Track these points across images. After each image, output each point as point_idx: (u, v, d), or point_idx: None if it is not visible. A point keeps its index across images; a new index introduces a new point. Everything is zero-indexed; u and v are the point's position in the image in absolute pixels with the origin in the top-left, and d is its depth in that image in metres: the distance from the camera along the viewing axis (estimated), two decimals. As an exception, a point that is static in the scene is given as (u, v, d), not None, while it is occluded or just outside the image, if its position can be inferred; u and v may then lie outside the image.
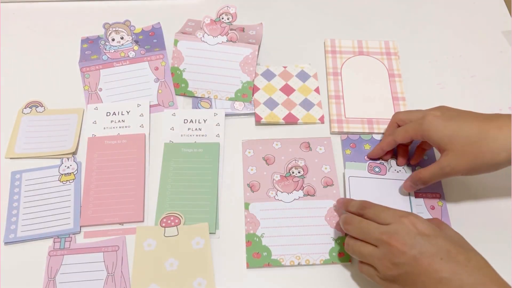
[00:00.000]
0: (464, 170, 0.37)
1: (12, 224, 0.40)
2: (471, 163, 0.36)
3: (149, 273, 0.38)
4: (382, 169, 0.43)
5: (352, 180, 0.42)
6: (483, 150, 0.36)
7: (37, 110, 0.47)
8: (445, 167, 0.37)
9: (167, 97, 0.48)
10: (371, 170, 0.42)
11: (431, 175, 0.38)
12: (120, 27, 0.50)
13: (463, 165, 0.37)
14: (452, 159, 0.37)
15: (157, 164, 0.44)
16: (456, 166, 0.37)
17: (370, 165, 0.43)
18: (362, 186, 0.41)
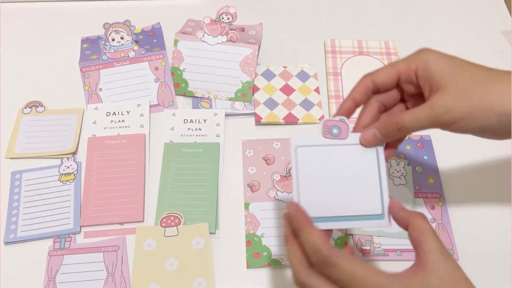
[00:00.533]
0: (463, 115, 0.28)
1: (12, 224, 0.40)
2: (475, 105, 0.28)
3: (149, 273, 0.38)
4: (342, 129, 0.30)
5: (301, 152, 0.30)
6: (493, 91, 0.28)
7: (37, 110, 0.47)
8: (438, 108, 0.28)
9: (167, 97, 0.48)
10: (327, 132, 0.30)
11: (414, 119, 0.29)
12: (120, 27, 0.50)
13: (464, 107, 0.28)
14: (450, 98, 0.28)
15: (157, 164, 0.44)
16: (455, 108, 0.28)
17: (326, 125, 0.30)
18: (314, 159, 0.30)
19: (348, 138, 0.30)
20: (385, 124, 0.29)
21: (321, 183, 0.30)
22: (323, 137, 0.30)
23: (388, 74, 0.30)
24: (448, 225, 0.40)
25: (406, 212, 0.28)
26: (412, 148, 0.45)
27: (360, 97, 0.31)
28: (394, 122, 0.29)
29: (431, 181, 0.43)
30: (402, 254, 0.39)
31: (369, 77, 0.31)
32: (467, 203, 0.42)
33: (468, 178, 0.43)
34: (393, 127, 0.29)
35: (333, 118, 0.31)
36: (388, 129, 0.29)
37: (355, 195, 0.30)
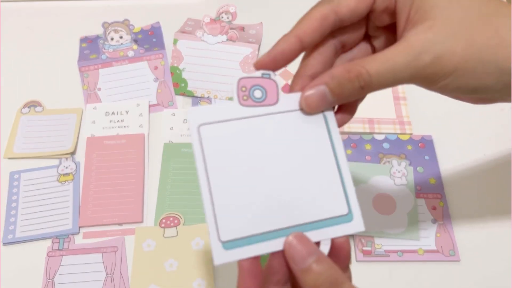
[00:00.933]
0: (455, 65, 0.19)
1: (10, 225, 0.40)
2: (474, 52, 0.19)
3: (148, 273, 0.37)
4: (268, 91, 0.21)
5: (207, 133, 0.20)
6: (499, 24, 0.19)
7: (35, 110, 0.47)
8: (421, 51, 0.19)
9: (167, 97, 0.48)
10: (245, 97, 0.20)
11: (386, 70, 0.19)
12: (119, 26, 0.50)
13: (459, 52, 0.19)
14: (440, 35, 0.19)
15: (156, 164, 0.44)
16: (447, 53, 0.19)
17: (242, 86, 0.21)
18: (229, 143, 0.20)
19: (279, 103, 0.21)
20: (340, 78, 0.20)
21: (245, 181, 0.19)
22: (240, 106, 0.20)
23: (358, 0, 0.20)
24: (449, 226, 0.40)
25: None
26: (413, 148, 0.45)
27: (311, 35, 0.21)
28: (355, 75, 0.19)
29: (433, 181, 0.42)
30: (403, 255, 0.38)
31: (329, 5, 0.20)
32: (469, 204, 0.42)
33: (470, 178, 0.43)
34: (353, 83, 0.19)
35: (252, 74, 0.20)
36: (344, 87, 0.20)
37: (301, 192, 0.20)
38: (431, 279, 0.38)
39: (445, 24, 0.19)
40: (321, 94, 0.20)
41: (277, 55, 0.21)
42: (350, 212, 0.21)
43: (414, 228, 0.39)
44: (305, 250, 0.19)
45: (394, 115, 0.46)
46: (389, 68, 0.19)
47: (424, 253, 0.38)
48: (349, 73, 0.20)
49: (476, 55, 0.19)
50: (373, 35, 0.23)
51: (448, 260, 0.38)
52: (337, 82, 0.20)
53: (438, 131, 0.45)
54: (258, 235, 0.20)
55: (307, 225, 0.20)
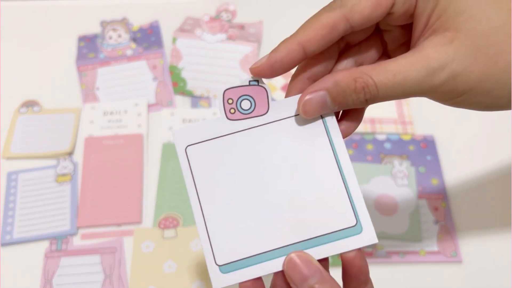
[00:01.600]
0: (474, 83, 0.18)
1: (8, 225, 0.40)
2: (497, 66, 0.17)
3: (147, 275, 0.37)
4: (256, 100, 0.19)
5: (194, 154, 0.19)
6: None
7: (33, 109, 0.47)
8: (440, 67, 0.17)
9: (166, 97, 0.47)
10: (232, 110, 0.19)
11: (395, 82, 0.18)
12: (118, 25, 0.50)
13: (479, 69, 0.17)
14: (462, 50, 0.17)
15: (155, 164, 0.43)
16: (466, 70, 0.17)
17: (228, 99, 0.19)
18: (219, 162, 0.19)
19: (270, 111, 0.19)
20: (344, 86, 0.18)
21: (239, 200, 0.18)
22: (227, 121, 0.19)
23: (372, 5, 0.18)
24: (451, 227, 0.40)
25: None
26: (415, 148, 0.44)
27: (316, 44, 0.18)
28: (361, 86, 0.17)
29: (435, 182, 0.42)
30: (405, 256, 0.38)
31: (340, 10, 0.18)
32: (471, 204, 0.41)
33: (472, 179, 0.42)
34: (357, 95, 0.18)
35: (238, 84, 0.19)
36: (348, 97, 0.18)
37: (303, 205, 0.19)
38: (433, 280, 0.37)
39: (468, 39, 0.17)
40: (321, 101, 0.18)
41: (276, 63, 0.19)
42: (359, 222, 0.19)
43: (416, 229, 0.39)
44: (306, 270, 0.18)
45: (396, 115, 0.46)
46: (399, 82, 0.18)
47: (426, 254, 0.38)
48: (355, 82, 0.18)
49: (495, 76, 0.18)
50: (385, 29, 0.21)
51: (450, 261, 0.38)
52: (340, 90, 0.18)
53: (440, 132, 0.45)
54: (257, 255, 0.18)
55: (310, 241, 0.19)
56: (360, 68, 0.18)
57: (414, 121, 0.46)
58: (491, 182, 0.42)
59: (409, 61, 0.18)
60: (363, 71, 0.18)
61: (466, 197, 0.42)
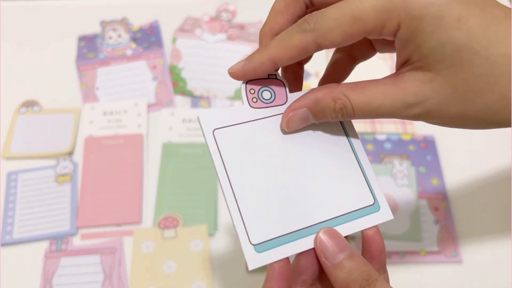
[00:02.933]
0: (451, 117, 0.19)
1: (8, 225, 0.40)
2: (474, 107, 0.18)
3: (147, 275, 0.37)
4: (276, 91, 0.21)
5: (222, 137, 0.20)
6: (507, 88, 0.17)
7: (33, 109, 0.47)
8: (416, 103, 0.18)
9: (166, 97, 0.47)
10: (254, 99, 0.21)
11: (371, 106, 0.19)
12: (118, 25, 0.49)
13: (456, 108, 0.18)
14: (439, 92, 0.18)
15: (155, 164, 0.43)
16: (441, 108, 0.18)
17: (251, 89, 0.21)
18: (246, 144, 0.20)
19: (288, 102, 0.21)
20: (324, 106, 0.19)
21: (267, 182, 0.19)
22: (250, 108, 0.20)
23: (344, 34, 0.18)
24: (451, 227, 0.40)
25: None
26: (415, 148, 0.44)
27: (286, 61, 0.20)
28: (339, 107, 0.19)
29: (435, 182, 0.42)
30: (405, 257, 0.38)
31: (311, 35, 0.19)
32: (471, 204, 0.41)
33: (472, 178, 0.42)
34: (336, 113, 0.19)
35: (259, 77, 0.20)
36: (327, 114, 0.20)
37: (324, 187, 0.20)
38: (433, 280, 0.37)
39: (447, 83, 0.18)
40: (303, 117, 0.20)
41: (249, 72, 0.21)
42: (376, 201, 0.21)
43: (416, 229, 0.39)
44: (336, 246, 0.19)
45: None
46: (374, 109, 0.19)
47: (426, 255, 0.38)
48: (334, 103, 0.20)
49: (472, 115, 0.18)
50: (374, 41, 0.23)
51: (450, 262, 0.38)
52: (320, 109, 0.20)
53: (440, 132, 0.45)
54: (288, 234, 0.19)
55: (335, 220, 0.20)
56: (340, 88, 0.20)
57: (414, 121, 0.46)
58: (491, 182, 0.42)
59: (386, 90, 0.19)
60: (342, 92, 0.20)
61: (466, 197, 0.42)
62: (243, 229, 0.19)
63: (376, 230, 0.20)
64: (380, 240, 0.20)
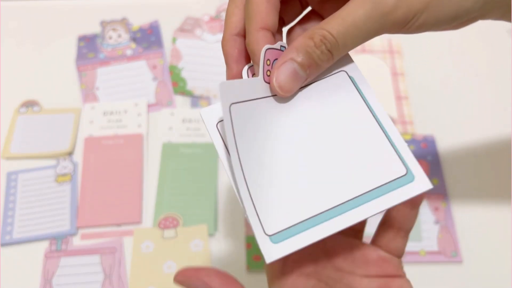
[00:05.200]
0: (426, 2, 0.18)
1: (8, 225, 0.40)
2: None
3: (147, 275, 0.37)
4: None
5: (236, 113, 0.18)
6: None
7: (33, 109, 0.46)
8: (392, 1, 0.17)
9: (165, 97, 0.47)
10: (268, 72, 0.19)
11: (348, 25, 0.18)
12: (118, 25, 0.49)
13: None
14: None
15: (155, 164, 0.43)
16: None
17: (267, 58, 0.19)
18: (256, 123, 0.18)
19: None
20: (305, 47, 0.18)
21: (283, 163, 0.18)
22: (264, 83, 0.19)
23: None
24: (451, 227, 0.40)
25: None
26: (416, 148, 0.44)
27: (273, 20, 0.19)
28: (319, 39, 0.17)
29: (435, 182, 0.42)
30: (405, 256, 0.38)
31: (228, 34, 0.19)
32: (472, 204, 0.41)
33: (473, 178, 0.42)
34: (320, 49, 0.18)
35: (275, 46, 0.19)
36: (313, 55, 0.18)
37: (349, 161, 0.18)
38: (433, 280, 0.37)
39: None
40: (292, 73, 0.18)
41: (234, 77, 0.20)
42: (409, 171, 0.18)
43: (416, 229, 0.39)
44: None
45: (396, 115, 0.46)
46: (350, 24, 0.18)
47: (426, 254, 0.38)
48: (312, 39, 0.18)
49: None
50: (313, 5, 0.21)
51: (451, 262, 0.38)
52: (303, 53, 0.18)
53: (440, 131, 0.45)
54: (307, 220, 0.17)
55: (361, 197, 0.18)
56: (312, 28, 0.19)
57: (414, 121, 0.46)
58: (491, 182, 0.42)
59: (352, 3, 0.18)
60: (314, 28, 0.18)
61: (467, 197, 0.42)
62: (257, 219, 0.17)
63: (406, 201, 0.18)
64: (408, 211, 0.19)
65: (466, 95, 0.48)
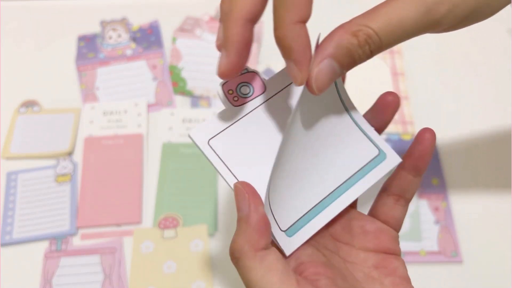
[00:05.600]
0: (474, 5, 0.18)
1: (7, 225, 0.40)
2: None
3: (147, 275, 0.37)
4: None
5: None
6: None
7: (33, 109, 0.46)
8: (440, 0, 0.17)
9: (165, 96, 0.47)
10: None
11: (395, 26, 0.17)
12: (118, 25, 0.49)
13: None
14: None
15: (155, 164, 0.43)
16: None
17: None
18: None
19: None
20: (347, 45, 0.17)
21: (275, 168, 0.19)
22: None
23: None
24: (451, 227, 0.40)
25: None
26: (415, 148, 0.44)
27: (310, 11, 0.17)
28: (364, 39, 0.17)
29: (435, 182, 0.42)
30: (405, 257, 0.38)
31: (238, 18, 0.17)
32: (472, 204, 0.41)
33: (473, 178, 0.42)
34: (363, 48, 0.17)
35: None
36: (354, 54, 0.17)
37: (330, 153, 0.20)
38: (433, 281, 0.37)
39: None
40: (330, 71, 0.17)
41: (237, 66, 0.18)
42: (381, 151, 0.22)
43: (416, 229, 0.39)
44: None
45: (396, 115, 0.46)
46: (398, 26, 0.17)
47: (426, 255, 0.38)
48: (356, 37, 0.17)
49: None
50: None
51: (451, 262, 0.38)
52: (345, 52, 0.17)
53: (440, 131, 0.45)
54: (310, 210, 0.20)
55: (347, 182, 0.21)
56: (353, 21, 0.18)
57: (414, 121, 0.46)
58: (491, 182, 0.42)
59: (402, 2, 0.17)
60: (358, 23, 0.17)
61: (467, 197, 0.42)
62: (272, 218, 0.19)
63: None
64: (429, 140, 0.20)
65: (466, 95, 0.48)
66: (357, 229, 0.22)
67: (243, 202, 0.18)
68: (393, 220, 0.22)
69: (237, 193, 0.19)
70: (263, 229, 0.18)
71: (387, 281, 0.21)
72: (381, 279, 0.21)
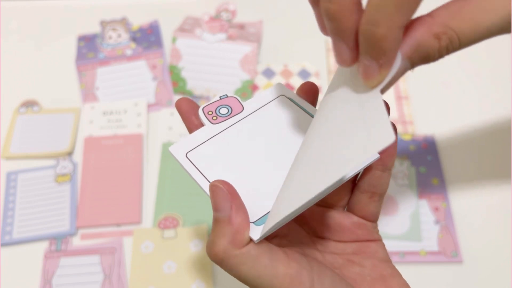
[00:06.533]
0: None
1: (7, 226, 0.40)
2: None
3: (146, 275, 0.37)
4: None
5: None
6: None
7: (33, 109, 0.46)
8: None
9: (165, 96, 0.47)
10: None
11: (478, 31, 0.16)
12: (117, 24, 0.49)
13: None
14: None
15: (155, 164, 0.43)
16: None
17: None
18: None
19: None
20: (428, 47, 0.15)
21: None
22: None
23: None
24: (452, 227, 0.39)
25: None
26: (416, 148, 0.44)
27: None
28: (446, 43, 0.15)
29: (435, 182, 0.42)
30: (405, 257, 0.38)
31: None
32: (472, 204, 0.41)
33: (473, 178, 0.42)
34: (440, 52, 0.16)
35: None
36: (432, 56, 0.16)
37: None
38: (434, 280, 0.37)
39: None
40: (402, 72, 0.16)
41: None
42: None
43: (416, 229, 0.39)
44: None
45: (396, 115, 0.46)
46: (484, 34, 0.16)
47: (426, 255, 0.38)
48: (439, 40, 0.16)
49: None
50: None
51: (451, 262, 0.38)
52: (423, 55, 0.16)
53: (440, 132, 0.45)
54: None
55: None
56: (436, 18, 0.16)
57: (414, 121, 0.46)
58: (491, 181, 0.42)
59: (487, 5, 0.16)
60: (443, 23, 0.16)
61: (467, 197, 0.42)
62: None
63: None
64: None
65: (466, 95, 0.48)
66: (334, 225, 0.22)
67: (223, 202, 0.18)
68: (370, 214, 0.22)
69: (216, 192, 0.19)
70: (246, 227, 0.18)
71: (368, 263, 0.21)
72: (361, 263, 0.21)
